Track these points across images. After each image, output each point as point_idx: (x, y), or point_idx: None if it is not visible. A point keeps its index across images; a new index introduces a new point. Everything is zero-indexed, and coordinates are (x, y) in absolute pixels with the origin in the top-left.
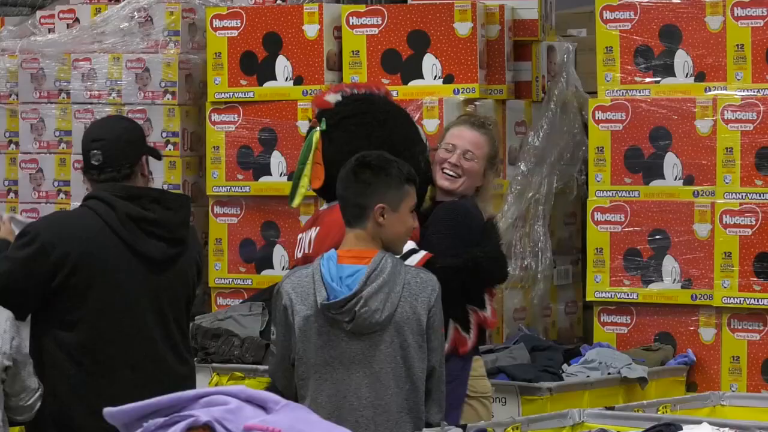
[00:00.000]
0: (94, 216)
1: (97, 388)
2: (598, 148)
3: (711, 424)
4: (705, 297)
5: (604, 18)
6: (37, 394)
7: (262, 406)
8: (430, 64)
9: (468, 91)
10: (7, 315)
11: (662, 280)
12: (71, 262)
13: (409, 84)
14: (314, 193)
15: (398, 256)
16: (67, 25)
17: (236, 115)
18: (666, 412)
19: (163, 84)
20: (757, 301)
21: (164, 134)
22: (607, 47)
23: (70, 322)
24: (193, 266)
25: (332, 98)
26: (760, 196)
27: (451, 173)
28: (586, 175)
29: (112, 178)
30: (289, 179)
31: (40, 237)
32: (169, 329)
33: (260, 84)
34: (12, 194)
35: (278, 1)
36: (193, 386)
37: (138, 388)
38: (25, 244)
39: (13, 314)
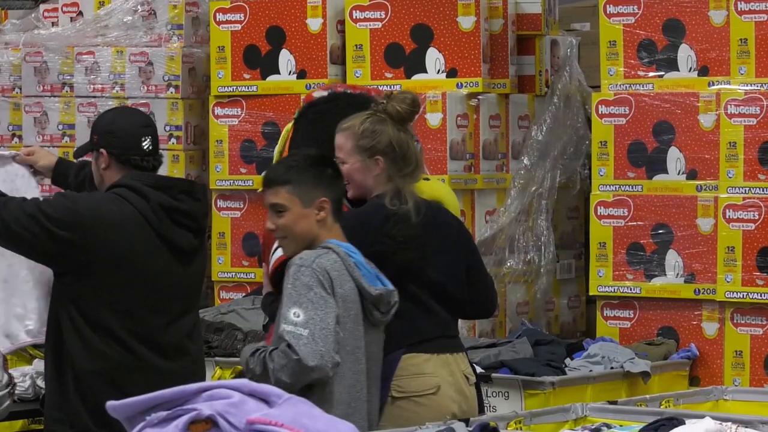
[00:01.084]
0: (125, 203)
1: (129, 375)
2: (601, 142)
3: (714, 418)
4: (708, 291)
5: (608, 12)
6: (4, 391)
7: (265, 400)
8: (433, 58)
9: (471, 85)
10: None
11: (665, 275)
12: (97, 248)
13: (413, 78)
14: None
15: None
16: (71, 18)
17: (239, 109)
18: (669, 406)
19: (166, 78)
20: (760, 295)
21: (167, 128)
22: (610, 41)
23: (99, 311)
24: (206, 258)
25: (318, 94)
26: (763, 190)
27: None
28: (590, 169)
29: (155, 166)
30: None
31: (78, 212)
32: (194, 319)
33: (263, 78)
34: None
35: None
36: (203, 377)
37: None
38: (61, 207)
39: None
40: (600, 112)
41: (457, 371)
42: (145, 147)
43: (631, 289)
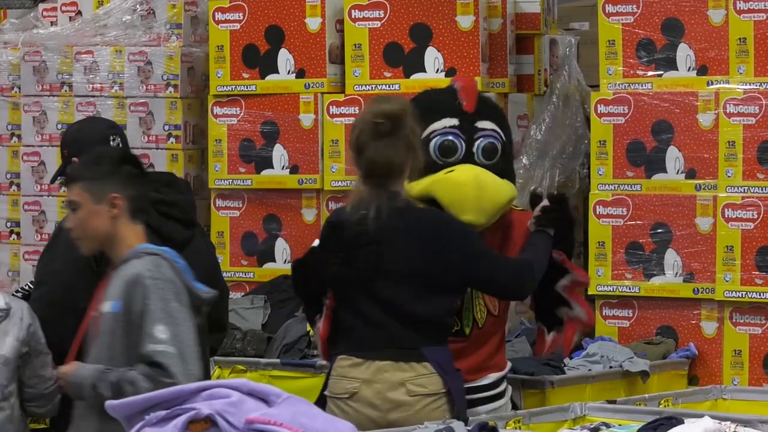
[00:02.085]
0: None
1: None
2: (600, 141)
3: (713, 417)
4: (707, 291)
5: (607, 11)
6: (55, 384)
7: (264, 399)
8: (432, 57)
9: None
10: (23, 304)
11: (664, 274)
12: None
13: (412, 77)
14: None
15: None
16: (70, 17)
17: (238, 108)
18: (668, 405)
19: (165, 77)
20: (759, 294)
21: (166, 127)
22: (609, 41)
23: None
24: (207, 252)
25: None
26: (762, 189)
27: None
28: (588, 168)
29: None
30: (291, 172)
31: (63, 232)
32: None
33: (262, 77)
34: (14, 187)
35: None
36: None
37: None
38: (68, 246)
39: (28, 305)
40: (599, 112)
41: (393, 379)
42: (114, 146)
43: (630, 289)
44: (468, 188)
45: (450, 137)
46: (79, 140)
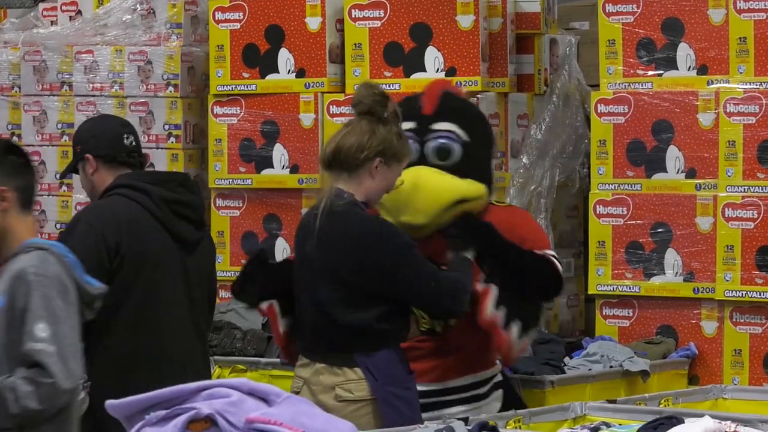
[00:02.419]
0: (132, 203)
1: (140, 374)
2: (600, 141)
3: (713, 417)
4: (707, 290)
5: (607, 11)
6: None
7: (264, 399)
8: (432, 56)
9: (470, 83)
10: None
11: (664, 273)
12: (122, 250)
13: (412, 77)
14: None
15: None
16: (70, 17)
17: (238, 108)
18: (668, 405)
19: (165, 76)
20: (759, 294)
21: (166, 127)
22: (609, 40)
23: (117, 307)
24: (212, 252)
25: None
26: (762, 189)
27: None
28: (589, 168)
29: (142, 163)
30: (291, 172)
31: (94, 228)
32: (195, 311)
33: (262, 76)
34: None
35: None
36: (208, 374)
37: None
38: (82, 236)
39: None
40: (599, 111)
41: (326, 383)
42: (128, 143)
43: (630, 288)
44: (402, 189)
45: None
46: (95, 136)
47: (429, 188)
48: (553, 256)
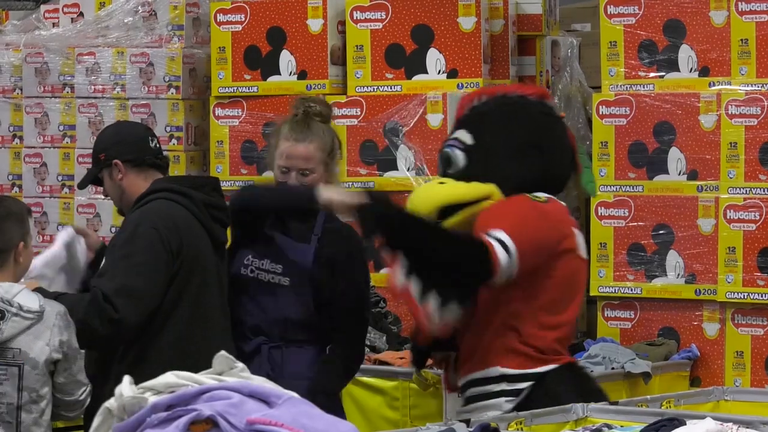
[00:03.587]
0: (180, 206)
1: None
2: (602, 142)
3: (715, 419)
4: (709, 292)
5: (608, 12)
6: (88, 389)
7: (265, 401)
8: (434, 58)
9: (472, 85)
10: (58, 309)
11: (666, 275)
12: (183, 252)
13: (413, 78)
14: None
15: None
16: (71, 19)
17: (240, 110)
18: (670, 407)
19: (167, 78)
20: (761, 296)
21: (168, 129)
22: (611, 42)
23: (174, 306)
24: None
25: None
26: (764, 191)
27: None
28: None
29: (167, 165)
30: None
31: (158, 231)
32: (227, 314)
33: (264, 78)
34: (16, 188)
35: None
36: None
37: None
38: (147, 239)
39: (65, 308)
40: (601, 113)
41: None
42: (153, 146)
43: (631, 290)
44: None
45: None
46: (119, 142)
47: (413, 201)
48: (497, 239)
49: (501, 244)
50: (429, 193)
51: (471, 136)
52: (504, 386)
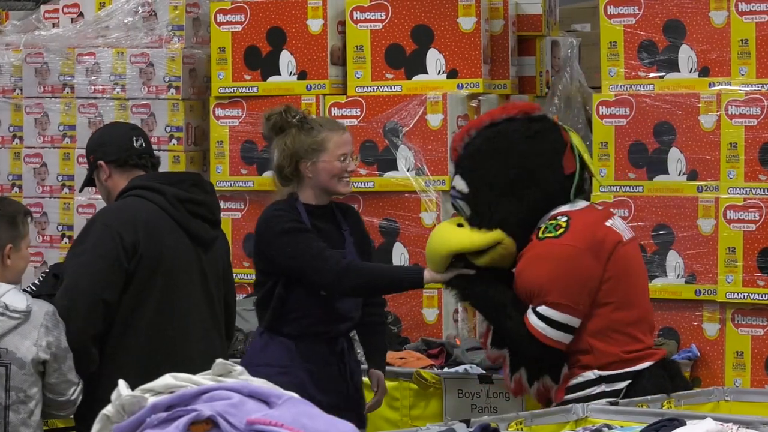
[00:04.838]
0: (147, 203)
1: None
2: (602, 143)
3: (715, 419)
4: (709, 292)
5: (608, 13)
6: (79, 388)
7: (265, 401)
8: (434, 58)
9: (472, 86)
10: (47, 309)
11: (666, 275)
12: (140, 250)
13: (413, 79)
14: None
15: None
16: (71, 19)
17: (240, 110)
18: (670, 407)
19: (167, 79)
20: (761, 296)
21: (168, 129)
22: (611, 42)
23: (137, 307)
24: (226, 252)
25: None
26: (764, 191)
27: (348, 179)
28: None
29: (154, 164)
30: None
31: (111, 228)
32: (214, 310)
33: (264, 79)
34: (16, 189)
35: None
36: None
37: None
38: (99, 236)
39: (54, 308)
40: (600, 113)
41: None
42: (138, 146)
43: None
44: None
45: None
46: (104, 144)
47: (430, 242)
48: (538, 313)
49: (550, 322)
50: (444, 239)
51: (465, 183)
52: (603, 388)
